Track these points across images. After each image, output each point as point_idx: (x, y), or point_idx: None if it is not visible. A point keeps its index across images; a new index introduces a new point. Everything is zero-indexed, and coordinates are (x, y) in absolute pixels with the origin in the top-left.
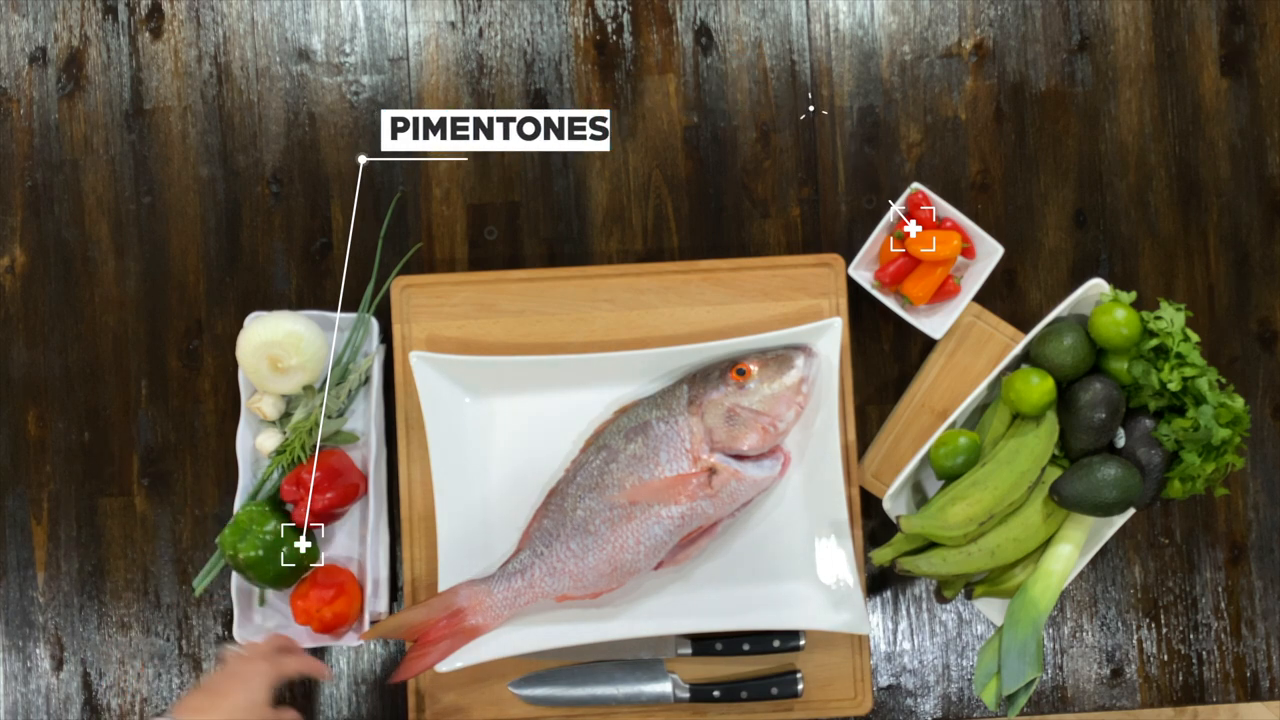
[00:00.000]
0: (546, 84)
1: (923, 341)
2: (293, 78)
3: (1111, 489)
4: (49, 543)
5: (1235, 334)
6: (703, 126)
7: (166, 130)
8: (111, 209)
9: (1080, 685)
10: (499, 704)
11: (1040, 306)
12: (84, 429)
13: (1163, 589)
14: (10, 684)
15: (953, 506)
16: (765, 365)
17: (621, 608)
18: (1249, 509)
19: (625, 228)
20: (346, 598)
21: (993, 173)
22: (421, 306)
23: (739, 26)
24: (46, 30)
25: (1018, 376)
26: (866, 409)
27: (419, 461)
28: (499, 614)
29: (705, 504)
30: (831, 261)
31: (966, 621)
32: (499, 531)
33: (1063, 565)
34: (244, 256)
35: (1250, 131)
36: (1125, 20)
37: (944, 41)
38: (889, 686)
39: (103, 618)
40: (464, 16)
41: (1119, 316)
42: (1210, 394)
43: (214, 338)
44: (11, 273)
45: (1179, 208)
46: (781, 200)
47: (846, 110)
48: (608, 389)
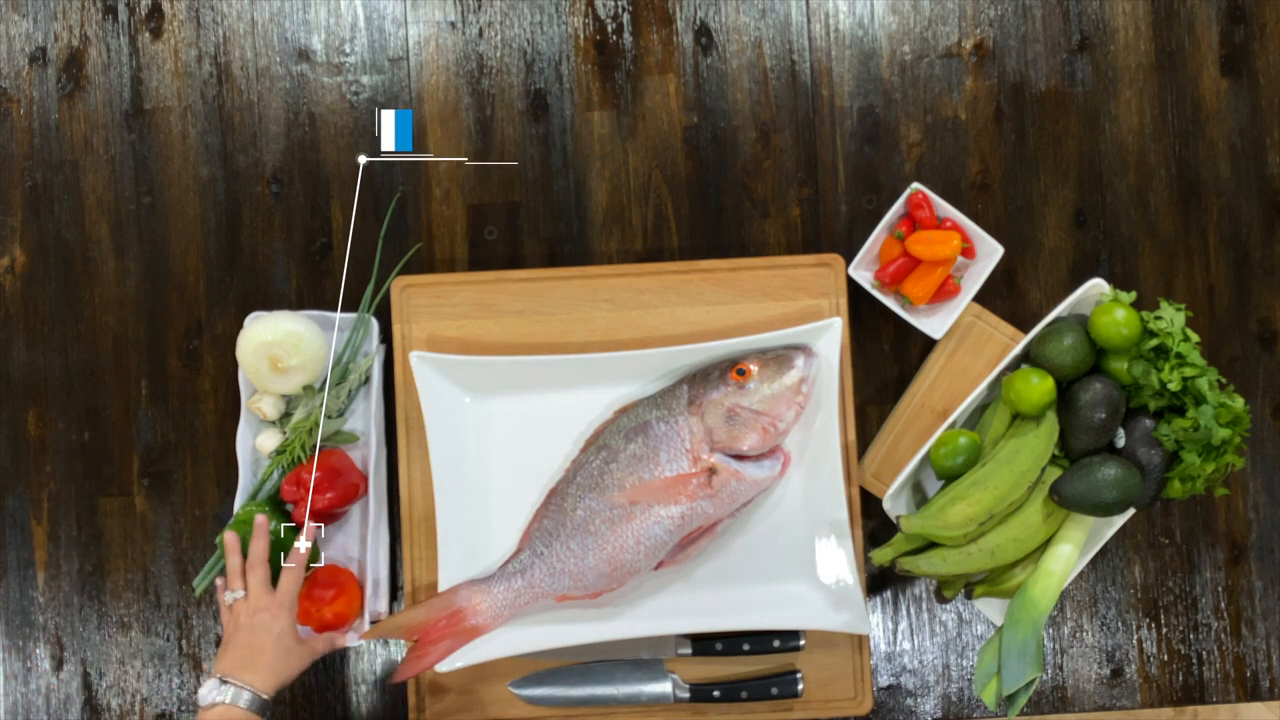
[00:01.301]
0: (546, 84)
1: (923, 341)
2: (293, 78)
3: (1111, 489)
4: (49, 543)
5: (1235, 334)
6: (703, 126)
7: (166, 130)
8: (111, 209)
9: (1080, 685)
10: (499, 704)
11: (1040, 306)
12: (84, 429)
13: (1163, 589)
14: (10, 684)
15: (953, 506)
16: (765, 365)
17: (621, 608)
18: (1249, 509)
19: (625, 228)
20: (346, 598)
21: (993, 173)
22: (421, 306)
23: (739, 26)
24: (46, 30)
25: (1018, 376)
26: (866, 409)
27: (419, 461)
28: (499, 614)
29: (705, 504)
30: (831, 261)
31: (966, 621)
32: (499, 531)
33: (1063, 565)
34: (244, 256)
35: (1250, 131)
36: (1125, 20)
37: (944, 41)
38: (889, 686)
39: (103, 618)
40: (464, 16)
41: (1119, 316)
42: (1210, 394)
43: (214, 338)
44: (11, 273)
45: (1179, 208)
46: (781, 200)
47: (846, 110)
48: (608, 389)
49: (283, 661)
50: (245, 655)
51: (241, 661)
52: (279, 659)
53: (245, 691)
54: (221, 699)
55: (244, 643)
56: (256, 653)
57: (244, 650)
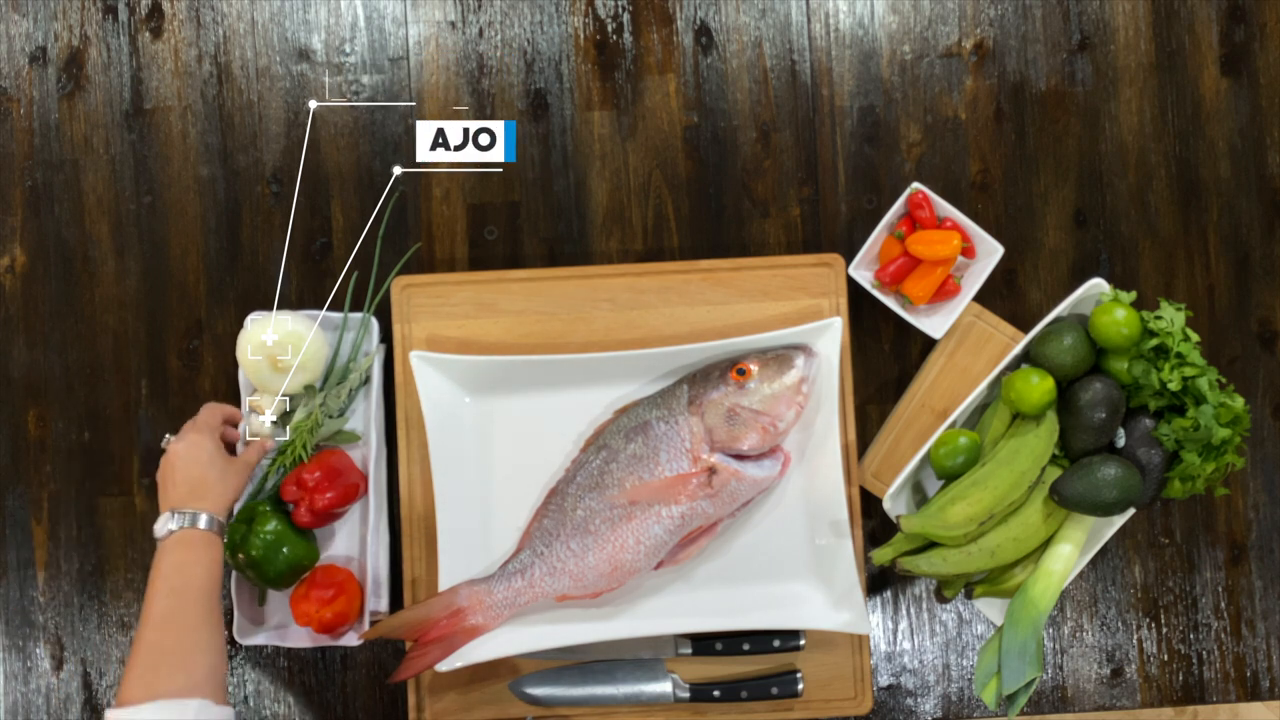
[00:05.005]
0: (546, 84)
1: (923, 341)
2: (293, 78)
3: (1111, 489)
4: (49, 543)
5: (1235, 334)
6: (703, 126)
7: (166, 130)
8: (111, 209)
9: (1080, 685)
10: (499, 704)
11: (1040, 306)
12: (84, 429)
13: (1163, 589)
14: (10, 684)
15: (953, 506)
16: (765, 365)
17: (621, 608)
18: (1249, 509)
19: (625, 228)
20: (346, 598)
21: (993, 173)
22: (421, 306)
23: (739, 26)
24: (46, 30)
25: (1018, 376)
26: (866, 409)
27: (419, 461)
28: (499, 614)
29: (705, 504)
30: (831, 261)
31: (966, 621)
32: (499, 531)
33: (1063, 565)
34: (244, 256)
35: (1250, 131)
36: (1125, 20)
37: (944, 41)
38: (889, 686)
39: (103, 617)
40: (464, 16)
41: (1119, 316)
42: (1210, 394)
43: (214, 338)
44: (11, 273)
45: (1179, 208)
46: (781, 200)
47: (846, 110)
48: (608, 389)
49: (221, 481)
50: (185, 487)
51: (184, 492)
52: (217, 480)
53: (199, 515)
54: (178, 525)
55: (180, 478)
56: (195, 482)
57: (183, 483)
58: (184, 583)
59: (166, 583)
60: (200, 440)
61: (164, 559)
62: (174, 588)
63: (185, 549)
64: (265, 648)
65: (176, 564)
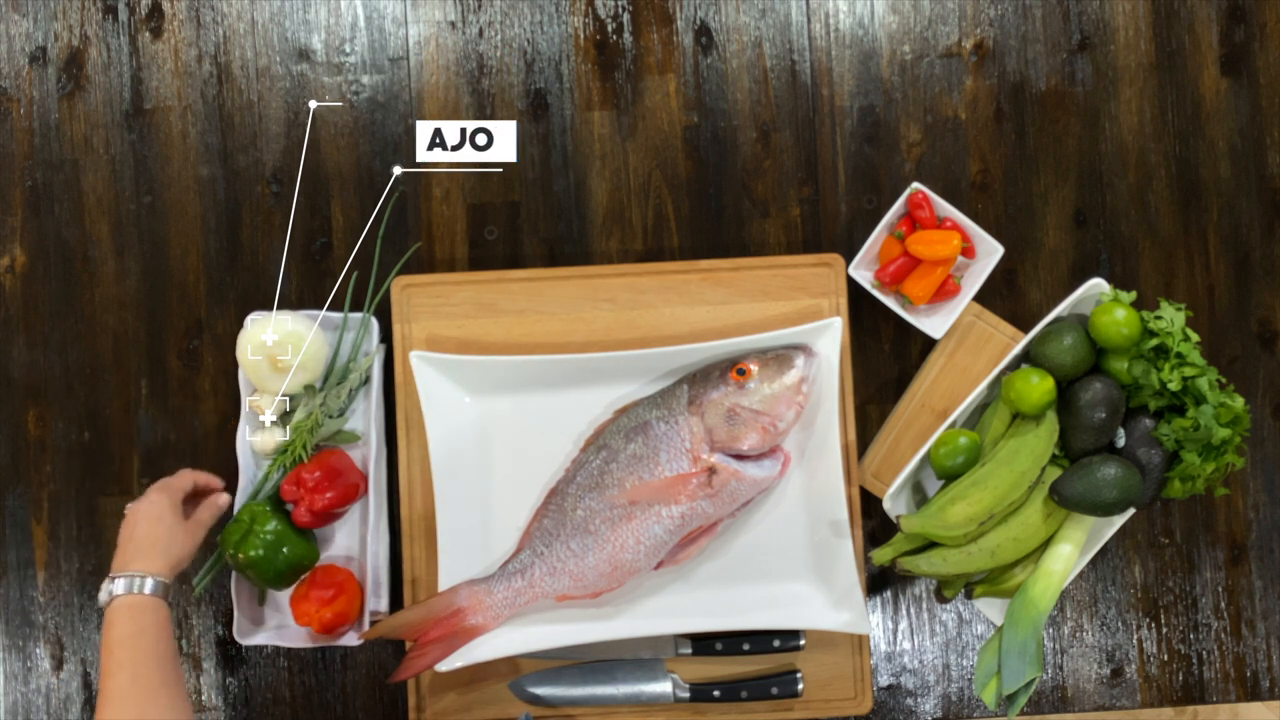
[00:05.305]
0: (546, 84)
1: (923, 341)
2: (293, 78)
3: (1111, 489)
4: (49, 542)
5: (1235, 334)
6: (703, 126)
7: (166, 130)
8: (111, 209)
9: (1080, 685)
10: (499, 704)
11: (1040, 306)
12: (84, 429)
13: (1163, 589)
14: (10, 684)
15: (953, 506)
16: (765, 365)
17: (621, 608)
18: (1249, 509)
19: (625, 228)
20: (346, 598)
21: (993, 172)
22: (421, 306)
23: (739, 26)
24: (46, 30)
25: (1018, 376)
26: (866, 409)
27: (419, 461)
28: (499, 614)
29: (705, 504)
30: (831, 261)
31: (966, 621)
32: (499, 531)
33: (1063, 565)
34: (244, 256)
35: (1250, 131)
36: (1125, 20)
37: (944, 41)
38: (889, 686)
39: (103, 618)
40: (464, 16)
41: (1119, 316)
42: (1210, 394)
43: (214, 338)
44: (11, 273)
45: (1179, 208)
46: (781, 200)
47: (846, 110)
48: (608, 389)
49: (168, 540)
50: (132, 548)
51: (129, 555)
52: (163, 540)
53: (145, 580)
54: (120, 591)
55: (127, 538)
56: (142, 542)
57: (129, 545)
58: (136, 655)
59: (116, 659)
60: (158, 499)
61: (111, 632)
62: (125, 662)
63: (131, 618)
64: (265, 648)
65: (125, 637)
